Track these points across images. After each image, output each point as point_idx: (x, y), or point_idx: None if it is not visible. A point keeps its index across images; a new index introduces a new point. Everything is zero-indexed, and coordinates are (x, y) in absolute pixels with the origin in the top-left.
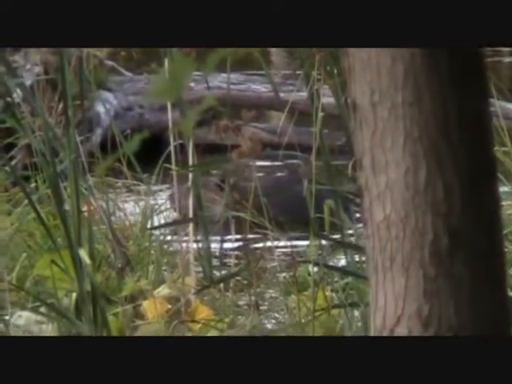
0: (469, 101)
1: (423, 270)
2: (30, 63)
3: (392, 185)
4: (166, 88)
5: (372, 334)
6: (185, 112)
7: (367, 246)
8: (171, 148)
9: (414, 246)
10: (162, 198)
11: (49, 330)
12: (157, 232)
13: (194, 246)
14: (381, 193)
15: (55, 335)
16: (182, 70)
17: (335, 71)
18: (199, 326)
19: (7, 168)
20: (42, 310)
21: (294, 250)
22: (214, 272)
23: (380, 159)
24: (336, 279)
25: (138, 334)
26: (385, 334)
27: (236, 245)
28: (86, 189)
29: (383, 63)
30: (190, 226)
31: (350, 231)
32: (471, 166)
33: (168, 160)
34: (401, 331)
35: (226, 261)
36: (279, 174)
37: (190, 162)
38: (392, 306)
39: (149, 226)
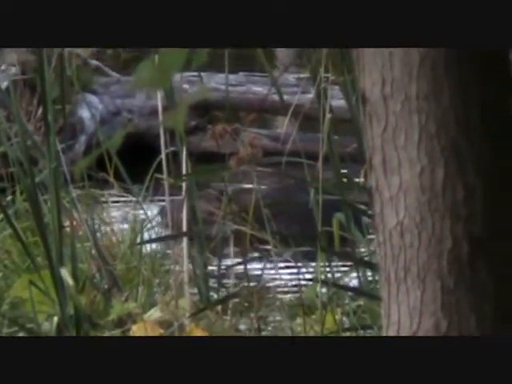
0: (492, 93)
1: (441, 280)
2: (6, 63)
3: (406, 186)
4: (155, 75)
5: None
6: (174, 104)
7: (379, 255)
8: (162, 156)
9: (431, 255)
10: (154, 212)
11: None
12: (147, 249)
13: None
14: (393, 196)
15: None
16: (172, 57)
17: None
18: None
19: None
20: (21, 335)
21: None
22: (211, 293)
23: (392, 158)
24: (347, 301)
25: None
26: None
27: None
28: (68, 202)
29: (396, 49)
30: (184, 242)
31: (363, 248)
32: (494, 165)
33: (159, 169)
34: None
35: (224, 281)
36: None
37: (184, 171)
38: (407, 321)
39: (138, 242)
